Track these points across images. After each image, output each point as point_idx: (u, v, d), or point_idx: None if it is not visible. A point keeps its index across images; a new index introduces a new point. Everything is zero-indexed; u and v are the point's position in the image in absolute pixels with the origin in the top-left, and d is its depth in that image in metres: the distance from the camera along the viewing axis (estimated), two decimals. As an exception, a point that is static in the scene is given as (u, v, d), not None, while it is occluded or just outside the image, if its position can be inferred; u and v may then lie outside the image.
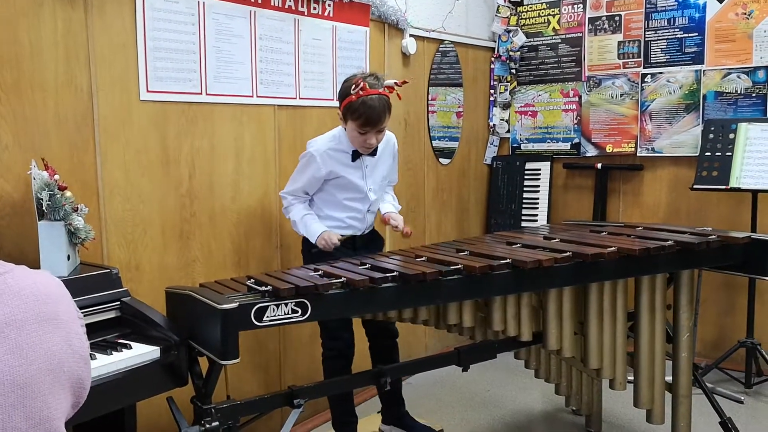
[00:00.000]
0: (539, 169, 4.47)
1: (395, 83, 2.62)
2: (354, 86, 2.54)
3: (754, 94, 3.76)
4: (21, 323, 0.95)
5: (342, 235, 2.70)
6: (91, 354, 1.74)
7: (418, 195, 4.02)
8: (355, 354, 2.86)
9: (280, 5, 3.01)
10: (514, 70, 4.58)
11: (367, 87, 2.54)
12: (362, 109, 2.53)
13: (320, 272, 2.13)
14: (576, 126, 4.38)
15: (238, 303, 1.83)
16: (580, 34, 4.33)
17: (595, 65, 4.28)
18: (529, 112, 4.57)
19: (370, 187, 2.78)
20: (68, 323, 1.03)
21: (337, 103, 3.31)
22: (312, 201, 2.81)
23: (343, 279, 2.01)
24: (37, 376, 0.95)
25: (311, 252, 2.76)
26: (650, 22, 4.06)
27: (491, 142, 4.63)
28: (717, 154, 3.60)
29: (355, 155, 2.71)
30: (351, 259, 2.40)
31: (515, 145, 4.63)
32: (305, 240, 2.78)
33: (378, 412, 3.10)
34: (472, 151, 4.50)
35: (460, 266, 2.14)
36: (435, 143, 4.13)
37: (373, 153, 2.74)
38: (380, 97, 2.56)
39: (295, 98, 3.13)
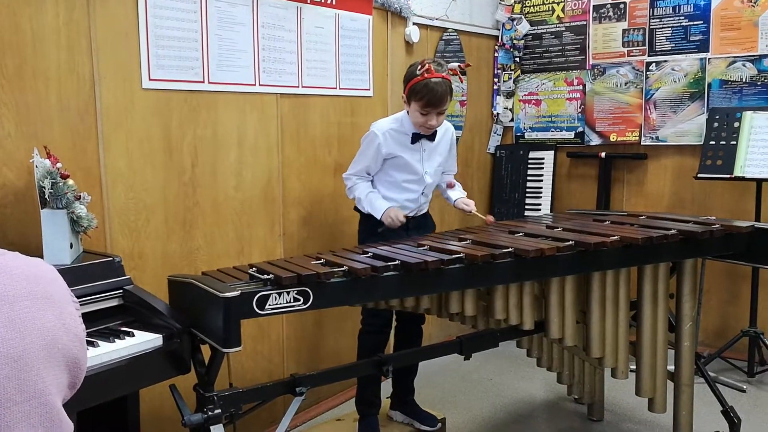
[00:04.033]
0: (543, 158, 4.46)
1: (459, 66, 2.78)
2: (420, 67, 2.69)
3: (759, 83, 3.74)
4: (12, 299, 0.96)
5: (408, 215, 2.80)
6: (93, 341, 1.75)
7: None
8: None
9: (283, -7, 3.00)
10: (517, 59, 4.56)
11: (432, 70, 2.67)
12: (425, 90, 2.67)
13: (322, 261, 2.13)
14: (580, 115, 4.36)
15: (240, 291, 1.84)
16: (585, 22, 4.30)
17: (599, 53, 4.26)
18: (533, 101, 4.55)
19: (426, 171, 2.89)
20: (61, 303, 1.04)
21: (340, 92, 3.33)
22: (372, 182, 2.93)
23: (345, 267, 2.01)
24: (30, 350, 0.95)
25: (369, 227, 2.85)
26: (655, 9, 4.04)
27: (495, 130, 4.61)
28: (721, 142, 3.58)
29: (415, 138, 2.83)
30: (354, 247, 2.40)
31: (519, 134, 4.62)
32: (363, 218, 2.90)
33: (387, 397, 3.13)
34: (475, 139, 4.49)
35: (462, 255, 2.13)
36: (438, 132, 4.12)
37: (432, 138, 2.86)
38: (443, 80, 2.70)
39: (298, 87, 3.12)
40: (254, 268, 2.05)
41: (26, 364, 0.94)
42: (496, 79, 4.58)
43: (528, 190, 4.47)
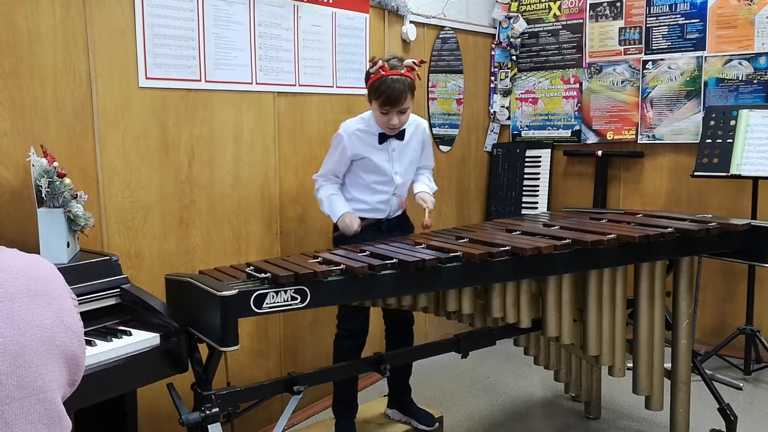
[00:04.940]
0: (539, 157, 4.46)
1: (413, 62, 2.68)
2: (373, 65, 2.62)
3: (755, 81, 3.75)
4: (11, 295, 0.96)
5: (363, 219, 2.74)
6: (91, 340, 1.75)
7: (418, 182, 4.01)
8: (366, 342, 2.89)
9: (280, -9, 2.99)
10: (514, 57, 4.56)
11: (387, 67, 2.60)
12: (382, 88, 2.60)
13: (320, 259, 2.13)
14: (576, 113, 4.37)
15: (237, 290, 1.84)
16: (581, 21, 4.31)
17: (596, 52, 4.27)
18: (530, 99, 4.56)
19: (396, 171, 2.82)
20: (59, 300, 1.04)
21: (336, 90, 3.33)
22: (342, 184, 2.87)
23: (342, 266, 2.01)
24: (29, 347, 0.95)
25: (337, 236, 2.81)
26: (651, 8, 4.04)
27: (492, 129, 4.62)
28: (718, 141, 3.59)
29: (382, 138, 2.76)
30: (351, 245, 2.40)
31: (516, 132, 4.62)
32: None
33: (384, 396, 3.12)
34: (472, 138, 4.49)
35: (459, 253, 2.13)
36: (435, 130, 4.13)
37: (401, 137, 2.79)
38: (401, 77, 2.62)
39: (295, 85, 3.12)
40: (251, 267, 2.05)
41: (25, 361, 0.94)
42: (492, 78, 4.59)
43: (525, 188, 4.47)
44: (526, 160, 4.50)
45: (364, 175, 2.80)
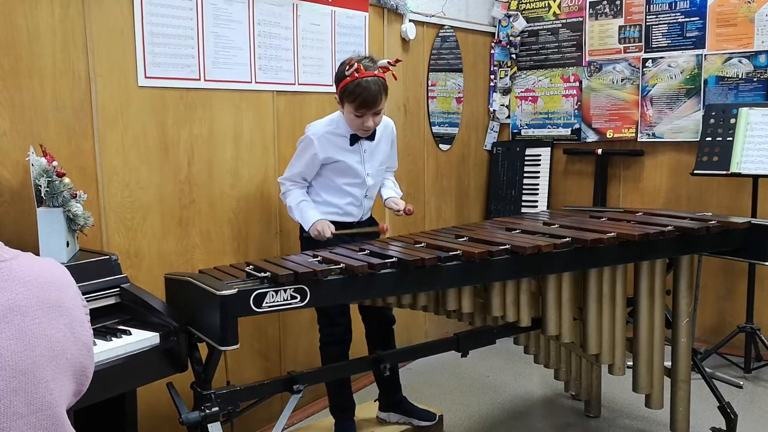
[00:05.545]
0: (539, 155, 4.46)
1: (388, 62, 2.61)
2: (348, 68, 2.54)
3: (755, 79, 3.74)
4: (25, 309, 0.95)
5: (335, 231, 2.66)
6: (90, 340, 1.75)
7: (417, 181, 4.02)
8: (352, 340, 2.87)
9: (279, -10, 2.99)
10: (514, 56, 4.55)
11: (362, 69, 2.53)
12: (357, 91, 2.53)
13: (319, 258, 2.13)
14: (576, 111, 4.36)
15: (237, 289, 1.84)
16: (581, 19, 4.30)
17: (595, 50, 4.26)
18: (530, 98, 4.55)
19: (368, 172, 2.78)
20: (72, 310, 1.04)
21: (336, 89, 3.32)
22: (311, 186, 2.80)
23: (342, 265, 2.01)
24: (39, 362, 0.95)
25: (306, 238, 2.76)
26: (651, 6, 4.04)
27: (491, 127, 4.61)
28: (718, 139, 3.59)
29: (353, 139, 2.71)
30: (350, 245, 2.40)
31: (515, 131, 4.62)
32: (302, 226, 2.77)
33: (375, 400, 3.11)
34: (472, 136, 4.49)
35: (459, 252, 2.13)
36: (435, 129, 4.12)
37: (372, 138, 2.74)
38: (376, 78, 2.55)
39: (294, 84, 3.12)
40: (251, 266, 2.05)
41: (35, 377, 0.94)
42: (492, 76, 4.58)
43: (524, 186, 4.47)
44: (526, 158, 4.49)
45: (336, 178, 2.74)
